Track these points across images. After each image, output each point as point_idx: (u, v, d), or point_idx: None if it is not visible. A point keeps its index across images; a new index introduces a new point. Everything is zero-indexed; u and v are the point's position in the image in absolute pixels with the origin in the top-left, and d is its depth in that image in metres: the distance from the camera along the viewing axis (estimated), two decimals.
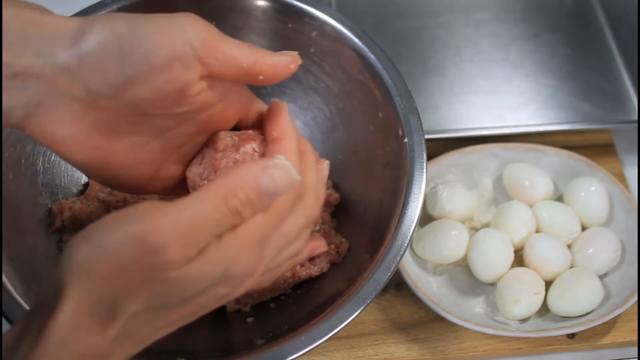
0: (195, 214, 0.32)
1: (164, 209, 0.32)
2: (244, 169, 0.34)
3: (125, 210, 0.32)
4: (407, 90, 0.53)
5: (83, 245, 0.32)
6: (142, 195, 0.45)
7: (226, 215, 0.33)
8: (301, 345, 0.43)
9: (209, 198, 0.33)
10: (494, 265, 0.57)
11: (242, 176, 0.34)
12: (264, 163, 0.35)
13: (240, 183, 0.34)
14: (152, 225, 0.31)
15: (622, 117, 0.69)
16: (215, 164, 0.41)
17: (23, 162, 0.52)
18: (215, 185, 0.34)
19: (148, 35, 0.35)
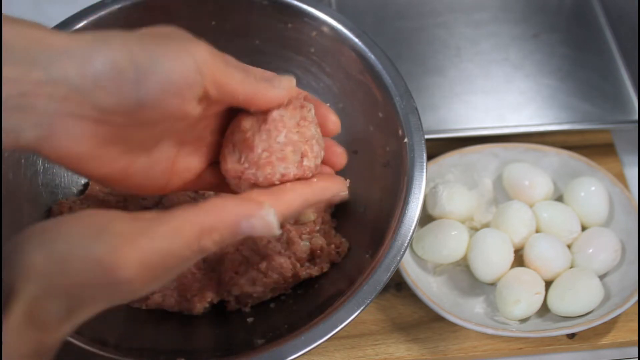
0: (165, 249, 0.33)
1: (135, 241, 0.32)
2: (228, 209, 0.35)
3: (91, 223, 0.33)
4: (407, 90, 0.53)
5: (41, 253, 0.32)
6: (163, 193, 0.45)
7: (194, 252, 0.34)
8: (301, 345, 0.43)
9: (183, 235, 0.33)
10: (494, 265, 0.57)
11: (223, 218, 0.35)
12: (250, 211, 0.35)
13: (219, 224, 0.34)
14: (120, 259, 0.32)
15: (622, 117, 0.69)
16: (248, 142, 0.41)
17: (23, 162, 0.52)
18: (193, 221, 0.34)
19: (164, 63, 0.35)
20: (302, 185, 0.41)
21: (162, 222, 0.33)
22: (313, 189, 0.41)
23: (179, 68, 0.35)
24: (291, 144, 0.41)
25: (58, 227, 0.33)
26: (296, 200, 0.40)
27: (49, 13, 0.74)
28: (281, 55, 0.60)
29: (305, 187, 0.41)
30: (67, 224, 0.33)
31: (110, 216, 0.33)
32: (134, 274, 0.32)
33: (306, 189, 0.41)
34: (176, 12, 0.58)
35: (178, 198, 0.55)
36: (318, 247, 0.54)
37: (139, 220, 0.33)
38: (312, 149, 0.42)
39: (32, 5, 0.75)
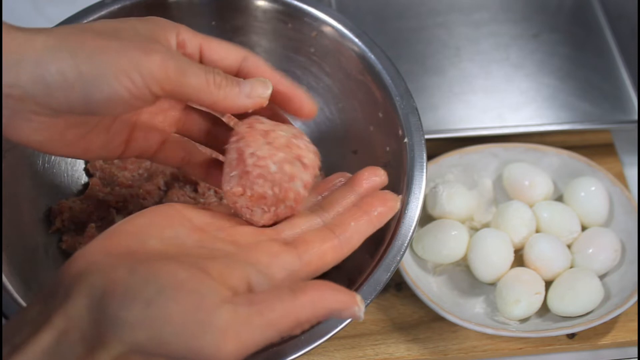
0: (263, 339, 0.33)
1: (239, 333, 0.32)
2: (324, 303, 0.35)
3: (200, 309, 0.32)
4: (407, 90, 0.53)
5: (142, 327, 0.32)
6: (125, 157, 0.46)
7: (284, 336, 0.34)
8: (301, 345, 0.43)
9: (281, 326, 0.34)
10: (494, 265, 0.57)
11: (318, 310, 0.35)
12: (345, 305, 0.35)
13: (312, 317, 0.34)
14: (222, 353, 0.32)
15: (622, 117, 0.69)
16: (241, 154, 0.40)
17: (23, 162, 0.52)
18: (291, 313, 0.34)
19: (110, 80, 0.37)
20: (364, 221, 0.41)
21: (262, 314, 0.33)
22: (373, 222, 0.41)
23: (124, 83, 0.37)
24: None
25: (162, 300, 0.32)
26: (360, 242, 0.41)
27: (49, 13, 0.74)
28: (281, 55, 0.60)
29: (367, 224, 0.41)
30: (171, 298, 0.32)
31: (213, 297, 0.33)
32: (229, 358, 0.32)
33: (368, 226, 0.41)
34: (176, 12, 0.58)
35: (178, 198, 0.55)
36: None
37: (239, 306, 0.33)
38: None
39: (31, 5, 0.75)
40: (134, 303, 0.32)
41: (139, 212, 0.38)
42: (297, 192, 0.40)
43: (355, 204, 0.42)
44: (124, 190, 0.55)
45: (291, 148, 0.41)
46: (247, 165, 0.39)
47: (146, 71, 0.37)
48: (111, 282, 0.33)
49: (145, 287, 0.32)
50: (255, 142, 0.40)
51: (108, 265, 0.34)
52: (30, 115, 0.37)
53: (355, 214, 0.41)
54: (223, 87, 0.39)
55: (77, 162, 0.57)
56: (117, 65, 0.36)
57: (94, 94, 0.37)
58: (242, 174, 0.40)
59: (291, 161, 0.40)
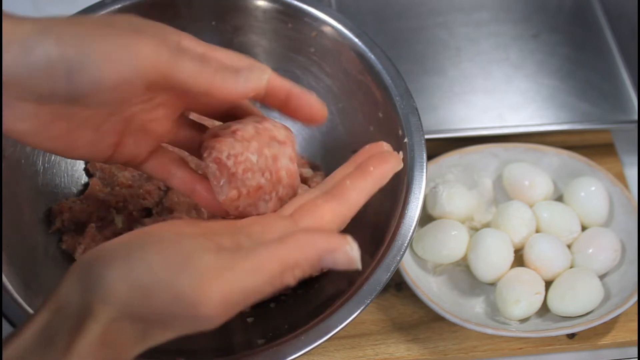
0: (249, 284, 0.33)
1: (220, 277, 0.32)
2: (313, 244, 0.35)
3: (176, 253, 0.32)
4: (407, 90, 0.53)
5: (122, 279, 0.32)
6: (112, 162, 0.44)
7: (275, 288, 0.34)
8: (301, 345, 0.43)
9: (267, 271, 0.33)
10: (494, 265, 0.57)
11: (307, 252, 0.34)
12: (335, 245, 0.35)
13: (303, 260, 0.34)
14: (205, 296, 0.32)
15: (622, 117, 0.69)
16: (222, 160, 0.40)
17: (23, 162, 0.52)
18: (277, 257, 0.34)
19: (98, 62, 0.35)
20: (362, 179, 0.39)
21: (247, 258, 0.33)
22: (373, 179, 0.40)
23: (113, 66, 0.35)
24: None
25: (142, 253, 0.33)
26: (361, 199, 0.39)
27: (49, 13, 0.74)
28: (281, 55, 0.60)
29: (367, 181, 0.39)
30: (151, 249, 0.33)
31: (194, 245, 0.33)
32: (215, 309, 0.32)
33: (367, 183, 0.40)
34: (176, 12, 0.58)
35: (178, 198, 0.55)
36: None
37: (222, 252, 0.33)
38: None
39: (31, 5, 0.75)
40: (114, 260, 0.32)
41: (142, 228, 0.37)
42: (287, 168, 0.41)
43: (355, 168, 0.41)
44: (124, 190, 0.55)
45: (260, 133, 0.41)
46: (230, 168, 0.39)
47: (137, 53, 0.35)
48: (99, 251, 0.33)
49: (128, 245, 0.33)
50: (225, 145, 0.40)
51: (97, 250, 0.34)
52: (14, 102, 0.36)
53: (351, 175, 0.40)
54: (220, 73, 0.37)
55: (77, 162, 0.57)
56: (105, 48, 0.35)
57: (77, 77, 0.35)
58: (229, 178, 0.40)
59: (267, 143, 0.40)
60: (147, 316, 0.32)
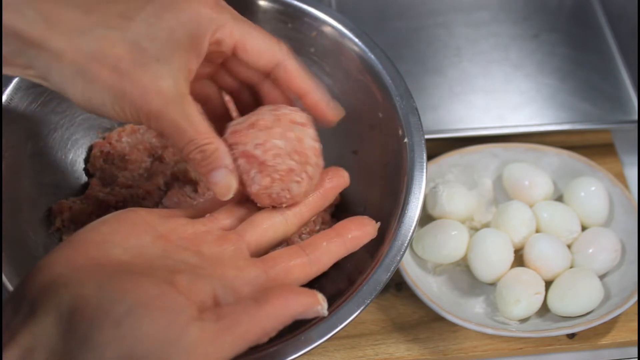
0: (231, 354, 0.34)
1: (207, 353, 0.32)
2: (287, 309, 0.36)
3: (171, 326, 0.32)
4: (407, 90, 0.53)
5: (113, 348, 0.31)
6: None
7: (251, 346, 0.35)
8: (301, 345, 0.43)
9: (248, 339, 0.34)
10: (494, 265, 0.57)
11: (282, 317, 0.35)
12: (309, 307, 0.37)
13: (277, 324, 0.35)
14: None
15: (622, 117, 0.69)
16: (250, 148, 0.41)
17: (23, 162, 0.52)
18: (258, 327, 0.35)
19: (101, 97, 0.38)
20: (336, 243, 0.41)
21: (229, 330, 0.34)
22: (346, 245, 0.42)
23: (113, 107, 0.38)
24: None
25: (132, 321, 0.32)
26: (330, 263, 0.41)
27: None
28: None
29: (339, 246, 0.41)
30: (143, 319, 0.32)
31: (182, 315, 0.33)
32: None
33: (340, 248, 0.41)
34: None
35: (178, 198, 0.55)
36: None
37: (206, 321, 0.33)
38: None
39: None
40: (104, 323, 0.31)
41: (102, 219, 0.37)
42: (312, 147, 0.42)
43: (332, 228, 0.43)
44: (124, 190, 0.55)
45: (280, 119, 0.42)
46: (259, 157, 0.40)
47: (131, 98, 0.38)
48: (80, 299, 0.32)
49: (115, 305, 0.32)
50: (249, 137, 0.41)
51: (75, 279, 0.33)
52: None
53: (328, 235, 0.42)
54: (199, 159, 0.40)
55: (77, 162, 0.57)
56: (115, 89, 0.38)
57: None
58: (260, 167, 0.41)
59: (289, 127, 0.42)
60: None
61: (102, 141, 0.58)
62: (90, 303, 0.32)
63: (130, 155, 0.58)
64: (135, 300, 0.32)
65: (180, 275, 0.34)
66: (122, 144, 0.58)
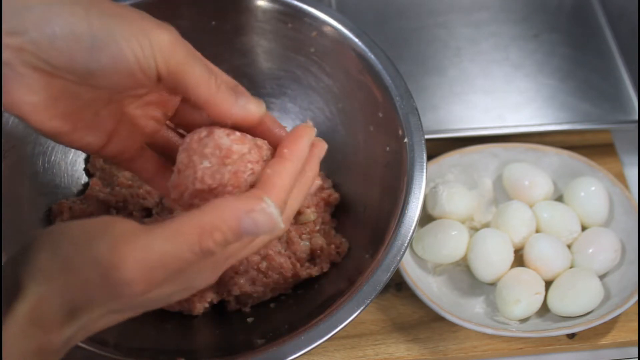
0: (165, 250, 0.32)
1: (135, 240, 0.32)
2: (227, 207, 0.34)
3: (95, 225, 0.33)
4: (407, 90, 0.53)
5: (47, 253, 0.32)
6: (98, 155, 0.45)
7: (197, 254, 0.33)
8: (301, 345, 0.43)
9: (183, 235, 0.33)
10: (494, 265, 0.57)
11: (223, 215, 0.33)
12: (250, 205, 0.34)
13: (219, 223, 0.33)
14: (119, 258, 0.32)
15: (622, 117, 0.69)
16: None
17: (23, 162, 0.52)
18: (193, 221, 0.33)
19: (120, 41, 0.35)
20: (280, 164, 0.38)
21: (163, 225, 0.33)
22: (292, 161, 0.38)
23: (134, 48, 0.35)
24: None
25: (64, 229, 0.33)
26: (286, 182, 0.37)
27: None
28: (281, 55, 0.60)
29: (285, 165, 0.38)
30: (72, 226, 0.34)
31: (114, 219, 0.34)
32: (133, 274, 0.32)
33: (287, 166, 0.38)
34: (176, 12, 0.58)
35: None
36: (318, 247, 0.54)
37: (141, 225, 0.33)
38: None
39: None
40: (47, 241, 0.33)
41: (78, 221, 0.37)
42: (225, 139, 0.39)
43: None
44: (124, 190, 0.55)
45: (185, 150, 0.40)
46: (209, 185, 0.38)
47: (156, 42, 0.36)
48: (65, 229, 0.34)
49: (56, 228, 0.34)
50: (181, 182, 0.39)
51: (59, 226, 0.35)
52: (26, 70, 0.35)
53: (270, 162, 0.38)
54: (222, 90, 0.38)
55: (77, 162, 0.57)
56: (129, 29, 0.35)
57: (100, 52, 0.35)
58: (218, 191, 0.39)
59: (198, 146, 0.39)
60: (70, 288, 0.32)
61: None
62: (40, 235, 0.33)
63: None
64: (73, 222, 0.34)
65: None
66: None
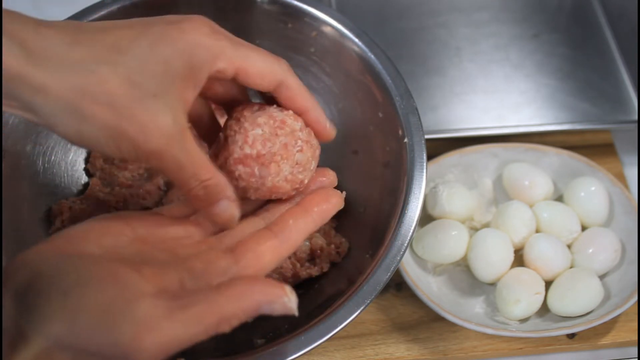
0: (185, 335, 0.32)
1: (158, 328, 0.32)
2: (250, 296, 0.34)
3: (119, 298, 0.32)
4: (407, 90, 0.53)
5: (59, 316, 0.31)
6: None
7: (210, 334, 0.33)
8: (301, 345, 0.43)
9: (204, 321, 0.33)
10: (494, 265, 0.57)
11: (245, 304, 0.34)
12: (272, 296, 0.34)
13: (239, 311, 0.34)
14: (141, 345, 0.31)
15: (622, 117, 0.69)
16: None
17: (23, 162, 0.52)
18: (214, 309, 0.33)
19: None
20: (304, 219, 0.40)
21: (185, 309, 0.33)
22: (314, 220, 0.41)
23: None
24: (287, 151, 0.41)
25: (81, 290, 0.32)
26: (300, 239, 0.40)
27: (49, 13, 0.74)
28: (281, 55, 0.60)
29: (307, 221, 0.41)
30: (91, 288, 0.32)
31: (134, 290, 0.32)
32: (151, 356, 0.32)
33: (308, 224, 0.41)
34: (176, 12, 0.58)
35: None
36: (318, 247, 0.54)
37: (162, 298, 0.32)
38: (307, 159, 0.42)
39: (31, 5, 0.75)
40: (51, 293, 0.31)
41: (85, 221, 0.37)
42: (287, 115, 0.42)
43: (297, 204, 0.42)
44: (124, 190, 0.55)
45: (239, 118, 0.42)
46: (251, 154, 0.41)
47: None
48: (36, 275, 0.32)
49: (66, 277, 0.32)
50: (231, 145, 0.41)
51: (36, 261, 0.33)
52: None
53: (294, 212, 0.41)
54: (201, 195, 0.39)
55: (77, 162, 0.57)
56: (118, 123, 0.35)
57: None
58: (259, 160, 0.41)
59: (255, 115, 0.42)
60: (79, 353, 0.31)
61: None
62: (45, 277, 0.32)
63: None
64: (87, 273, 0.32)
65: (146, 264, 0.34)
66: None
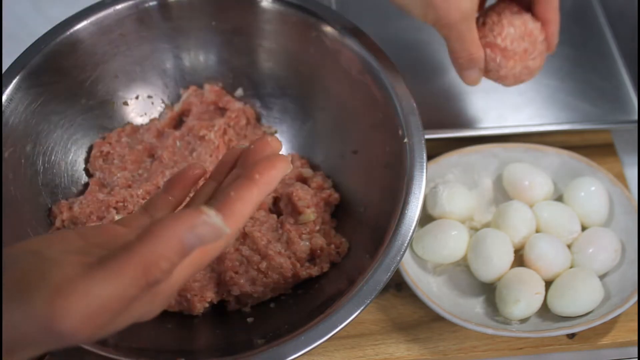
0: (108, 293, 0.30)
1: (73, 290, 0.30)
2: (167, 230, 0.31)
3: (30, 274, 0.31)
4: (407, 91, 0.53)
5: None
6: None
7: (143, 288, 0.31)
8: (301, 345, 0.43)
9: (126, 273, 0.30)
10: (494, 265, 0.57)
11: (165, 241, 0.31)
12: (190, 221, 0.32)
13: (163, 249, 0.31)
14: (58, 312, 0.29)
15: (622, 117, 0.69)
16: None
17: (23, 162, 0.52)
18: (134, 256, 0.31)
19: None
20: (247, 189, 0.36)
21: (103, 264, 0.31)
22: (259, 188, 0.37)
23: None
24: None
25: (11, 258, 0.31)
26: (247, 210, 0.36)
27: (49, 13, 0.74)
28: (281, 55, 0.60)
29: (252, 191, 0.36)
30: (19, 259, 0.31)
31: (53, 261, 0.31)
32: (75, 324, 0.30)
33: (253, 193, 0.36)
34: (176, 12, 0.58)
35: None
36: (318, 247, 0.54)
37: (82, 265, 0.31)
38: None
39: (31, 5, 0.75)
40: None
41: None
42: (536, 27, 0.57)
43: (241, 175, 0.38)
44: (123, 190, 0.55)
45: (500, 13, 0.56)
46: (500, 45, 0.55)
47: None
48: None
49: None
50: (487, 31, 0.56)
51: (6, 254, 0.32)
52: None
53: (236, 183, 0.37)
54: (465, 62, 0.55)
55: (77, 162, 0.57)
56: None
57: None
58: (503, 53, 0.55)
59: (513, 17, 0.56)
60: (12, 338, 0.30)
61: (102, 141, 0.58)
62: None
63: (130, 155, 0.58)
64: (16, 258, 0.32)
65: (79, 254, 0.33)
66: (121, 144, 0.58)
